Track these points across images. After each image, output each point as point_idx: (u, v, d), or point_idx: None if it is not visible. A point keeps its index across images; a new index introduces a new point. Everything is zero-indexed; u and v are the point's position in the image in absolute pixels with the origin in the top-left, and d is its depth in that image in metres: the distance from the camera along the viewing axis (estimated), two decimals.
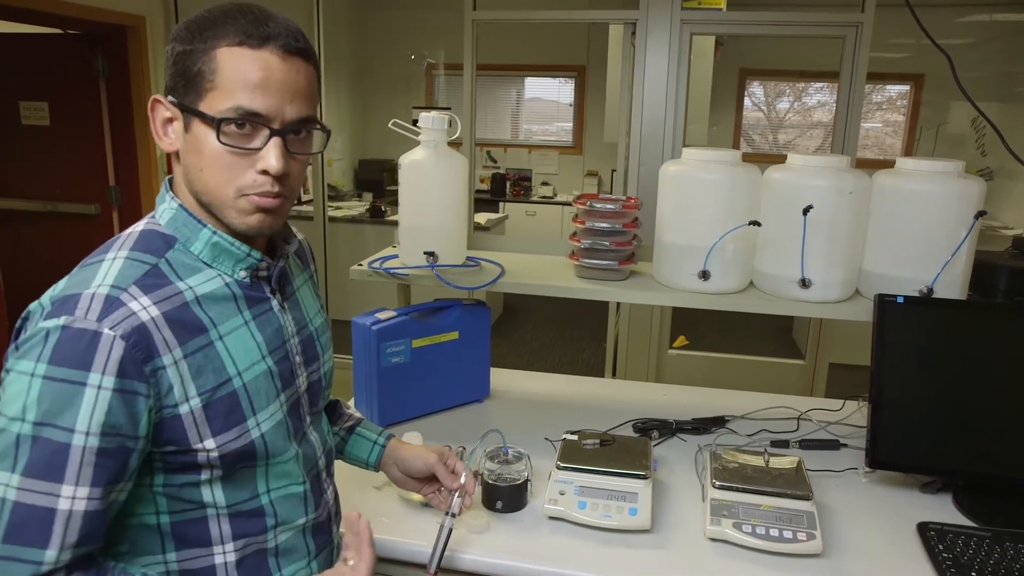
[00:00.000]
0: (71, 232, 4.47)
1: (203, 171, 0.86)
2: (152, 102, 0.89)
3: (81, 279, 0.83)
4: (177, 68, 0.85)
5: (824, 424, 1.75)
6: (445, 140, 1.65)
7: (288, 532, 0.99)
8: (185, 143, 0.87)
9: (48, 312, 0.79)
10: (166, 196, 0.91)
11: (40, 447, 0.76)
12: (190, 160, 0.87)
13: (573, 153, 7.26)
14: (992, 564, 1.18)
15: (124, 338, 0.79)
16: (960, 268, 1.46)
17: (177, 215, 0.90)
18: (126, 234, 0.90)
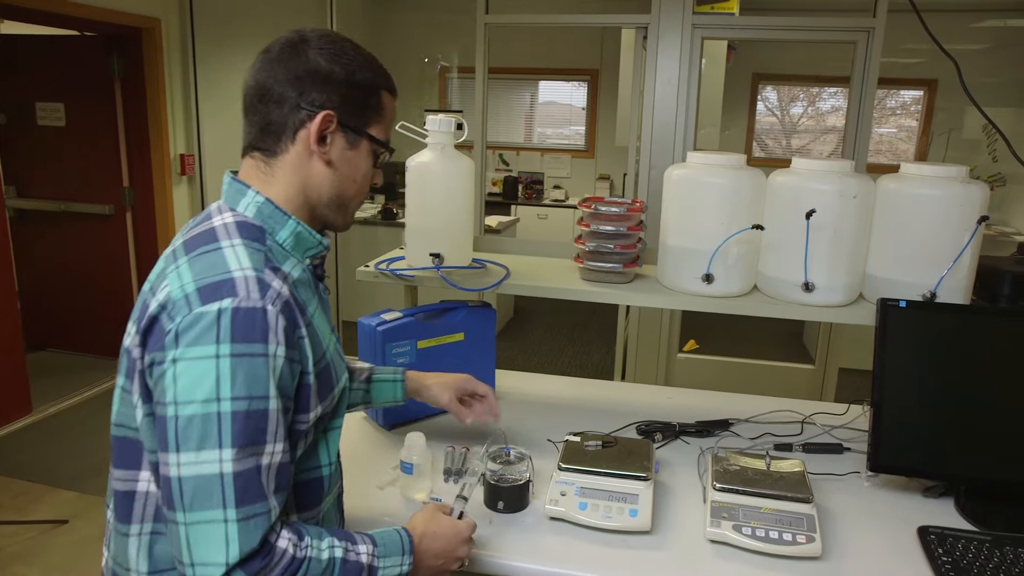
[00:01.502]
0: (85, 232, 4.52)
1: (356, 181, 1.04)
2: (324, 116, 0.98)
3: (213, 265, 0.89)
4: (351, 93, 1.00)
5: (828, 428, 1.75)
6: (452, 143, 1.66)
7: (328, 502, 1.09)
8: (342, 156, 1.02)
9: (203, 298, 0.86)
10: (247, 191, 0.99)
11: (244, 419, 0.84)
12: (345, 172, 1.03)
13: (585, 156, 7.26)
14: (991, 568, 1.18)
15: (282, 312, 0.89)
16: (963, 273, 1.46)
17: (263, 208, 0.98)
18: (219, 225, 0.96)
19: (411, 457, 1.37)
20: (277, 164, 1.00)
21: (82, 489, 3.17)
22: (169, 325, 0.86)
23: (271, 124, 0.98)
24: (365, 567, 0.96)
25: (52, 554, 2.74)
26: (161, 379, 0.86)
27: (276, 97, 0.97)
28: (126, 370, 0.94)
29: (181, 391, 0.84)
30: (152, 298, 0.91)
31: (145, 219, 4.46)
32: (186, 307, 0.86)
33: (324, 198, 1.02)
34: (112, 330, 4.63)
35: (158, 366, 0.86)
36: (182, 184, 4.59)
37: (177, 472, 0.84)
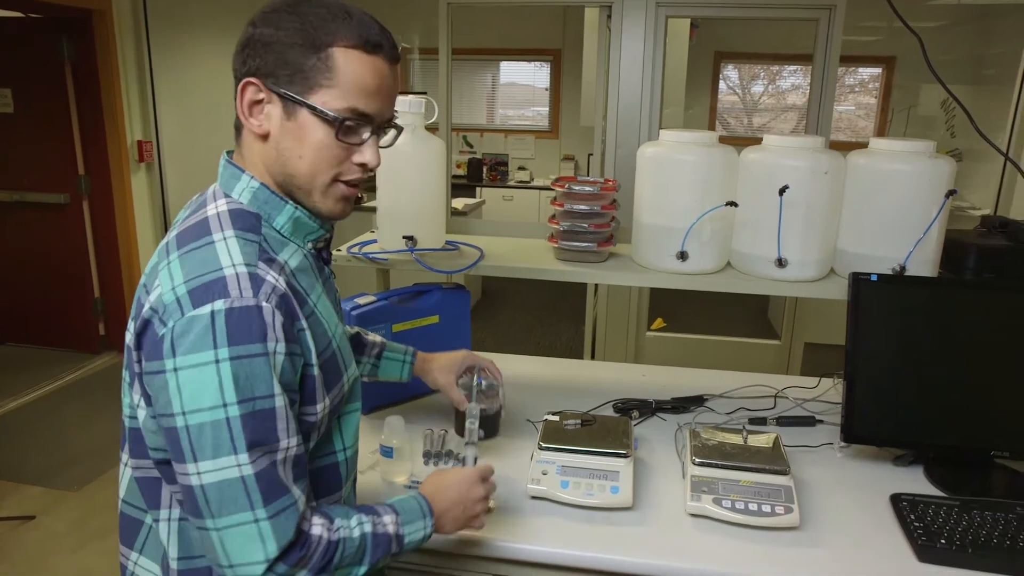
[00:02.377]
0: (41, 222, 4.39)
1: (302, 158, 0.92)
2: (244, 84, 0.89)
3: (204, 262, 0.85)
4: (280, 56, 0.88)
5: (800, 401, 1.79)
6: (422, 124, 1.64)
7: (348, 488, 1.09)
8: (282, 129, 0.91)
9: (194, 301, 0.83)
10: (241, 175, 0.94)
11: (254, 421, 0.83)
12: (287, 145, 0.91)
13: (549, 137, 7.25)
14: (960, 531, 1.22)
15: (278, 307, 0.86)
16: (931, 247, 1.49)
17: (259, 193, 0.94)
18: (212, 215, 0.91)
19: (391, 441, 1.36)
20: (241, 145, 0.96)
21: (48, 484, 3.10)
22: (162, 330, 0.83)
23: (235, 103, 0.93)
24: (393, 537, 0.97)
25: (21, 550, 2.68)
26: (164, 390, 0.83)
27: (233, 72, 0.92)
28: (128, 365, 0.92)
29: (187, 401, 0.82)
30: (146, 297, 0.88)
31: (103, 208, 4.35)
32: (178, 311, 0.83)
33: (279, 178, 0.94)
34: (72, 322, 4.52)
35: (158, 375, 0.84)
36: (140, 171, 4.48)
37: (199, 481, 0.83)
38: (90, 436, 3.52)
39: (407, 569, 1.31)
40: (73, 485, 3.10)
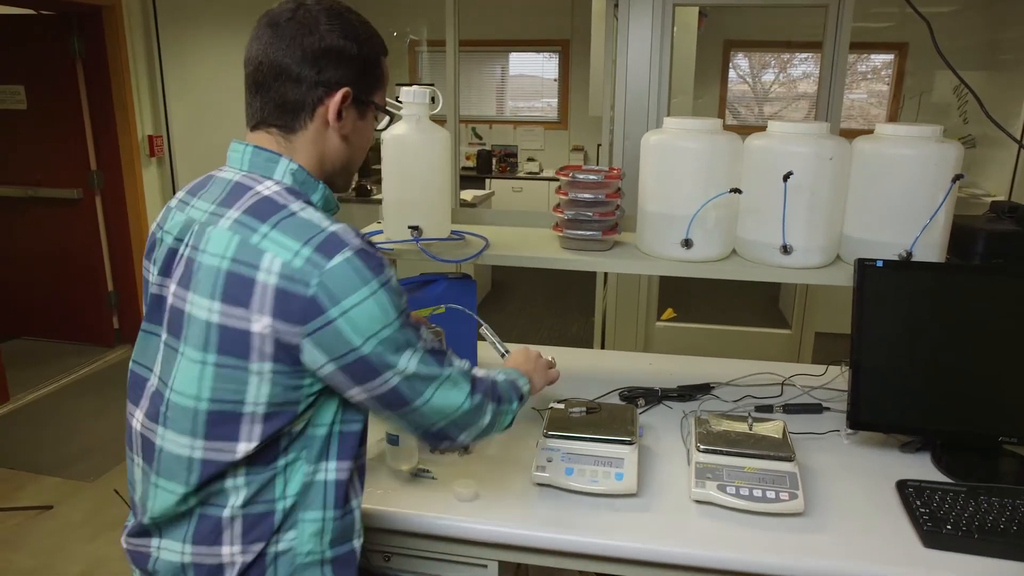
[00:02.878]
0: (54, 217, 4.44)
1: (362, 149, 1.13)
2: (344, 93, 1.04)
3: (304, 227, 0.95)
4: (361, 67, 1.05)
5: (808, 389, 1.78)
6: (427, 114, 1.64)
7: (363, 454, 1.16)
8: (354, 127, 1.09)
9: (325, 256, 0.93)
10: (279, 159, 1.03)
11: (408, 320, 1.00)
12: (356, 141, 1.10)
13: (558, 128, 7.24)
14: (967, 516, 1.21)
15: None
16: (938, 232, 1.48)
17: (298, 174, 1.04)
18: (271, 193, 1.00)
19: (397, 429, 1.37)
20: (296, 139, 1.05)
21: (64, 475, 3.15)
22: (309, 291, 0.92)
23: (289, 102, 1.02)
24: (518, 384, 1.24)
25: (39, 539, 2.72)
26: (339, 335, 0.93)
27: (294, 76, 1.01)
28: (222, 345, 0.95)
29: (365, 329, 0.94)
30: (256, 273, 0.93)
31: (115, 203, 4.38)
32: (315, 269, 0.92)
33: (337, 167, 1.10)
34: (87, 316, 4.57)
35: (326, 327, 0.92)
36: (151, 166, 4.51)
37: (401, 377, 0.99)
38: (105, 428, 3.56)
39: (417, 556, 1.32)
40: (88, 476, 3.14)
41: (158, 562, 1.03)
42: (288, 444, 1.00)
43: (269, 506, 1.00)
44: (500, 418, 1.16)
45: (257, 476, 0.99)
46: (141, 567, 1.06)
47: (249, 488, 0.99)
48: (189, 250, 1.00)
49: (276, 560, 1.01)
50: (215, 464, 0.98)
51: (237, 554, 1.00)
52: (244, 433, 0.97)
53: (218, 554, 1.00)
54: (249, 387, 0.95)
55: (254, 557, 1.00)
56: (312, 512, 1.03)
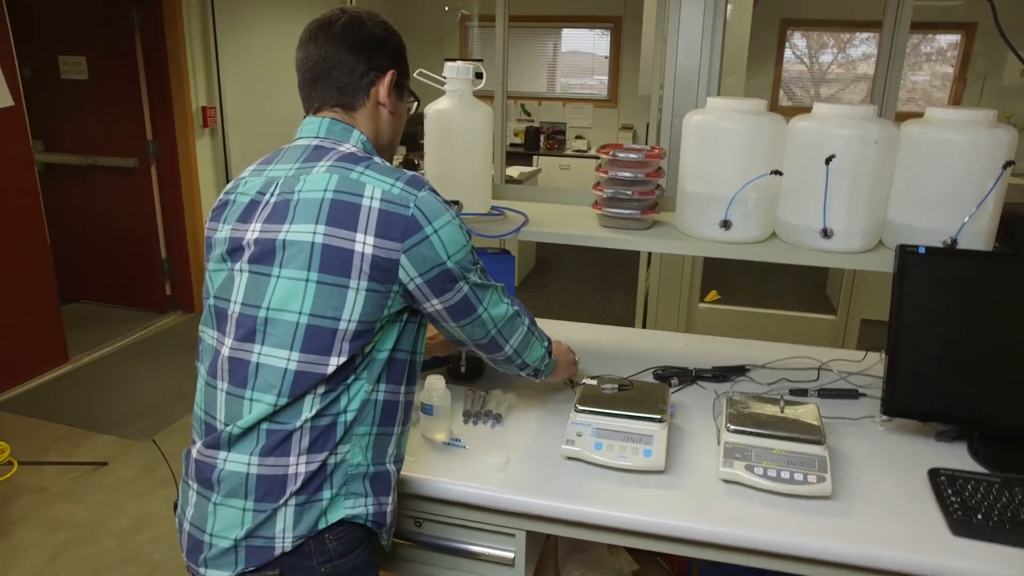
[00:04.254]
0: (112, 185, 4.58)
1: (402, 126, 1.32)
2: (392, 74, 1.24)
3: (388, 170, 1.13)
4: (402, 56, 1.27)
5: (845, 375, 1.77)
6: (470, 90, 1.66)
7: None
8: (397, 106, 1.28)
9: (413, 188, 1.11)
10: (352, 130, 1.22)
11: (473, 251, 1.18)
12: (399, 118, 1.30)
13: (608, 106, 7.17)
14: (1000, 507, 1.20)
15: None
16: (986, 220, 1.45)
17: (367, 144, 1.23)
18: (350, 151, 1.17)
19: (431, 399, 1.41)
20: (357, 116, 1.23)
21: (119, 434, 3.29)
22: (408, 211, 1.09)
23: (348, 86, 1.21)
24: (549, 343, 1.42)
25: (94, 493, 2.86)
26: (431, 249, 1.10)
27: (349, 64, 1.20)
28: (323, 264, 1.08)
29: (450, 247, 1.12)
30: (361, 198, 1.09)
31: (170, 172, 4.51)
32: (410, 196, 1.10)
33: (385, 141, 1.28)
34: (141, 282, 4.73)
35: (422, 242, 1.09)
36: (204, 137, 4.62)
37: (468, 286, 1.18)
38: (158, 390, 3.70)
39: (447, 523, 1.36)
40: (141, 436, 3.27)
41: (223, 472, 1.11)
42: (359, 364, 1.12)
43: (333, 418, 1.11)
44: (532, 340, 1.34)
45: (330, 393, 1.10)
46: (204, 478, 1.13)
47: (321, 402, 1.10)
48: (278, 196, 1.14)
49: (334, 471, 1.12)
50: (309, 376, 1.09)
51: (302, 464, 1.10)
52: (336, 348, 1.09)
53: (285, 464, 1.10)
54: (346, 303, 1.08)
55: (316, 467, 1.10)
56: (363, 427, 1.14)
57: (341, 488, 1.13)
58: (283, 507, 1.09)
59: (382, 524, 1.18)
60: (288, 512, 1.09)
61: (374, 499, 1.17)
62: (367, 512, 1.15)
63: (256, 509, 1.09)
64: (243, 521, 1.09)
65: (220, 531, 1.11)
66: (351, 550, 1.15)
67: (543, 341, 1.39)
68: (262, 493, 1.09)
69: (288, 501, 1.09)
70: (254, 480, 1.09)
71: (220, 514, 1.11)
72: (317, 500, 1.11)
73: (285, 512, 1.09)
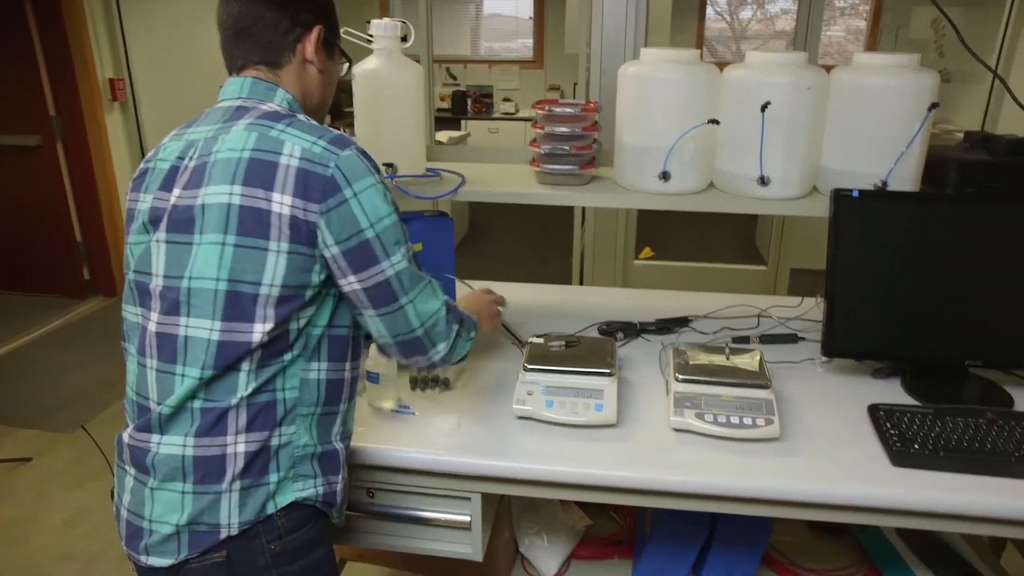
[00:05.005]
0: (14, 165, 4.31)
1: (332, 87, 1.27)
2: (319, 30, 1.18)
3: (312, 127, 1.08)
4: (325, 11, 1.21)
5: (783, 320, 1.81)
6: (399, 48, 1.60)
7: None
8: (326, 65, 1.23)
9: (337, 147, 1.05)
10: (277, 88, 1.16)
11: (398, 225, 1.10)
12: (328, 78, 1.24)
13: (534, 67, 7.12)
14: (934, 436, 1.25)
15: None
16: (913, 162, 1.49)
17: (292, 104, 1.17)
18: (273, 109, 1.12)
19: (377, 367, 1.37)
20: (283, 74, 1.17)
21: (43, 427, 3.13)
22: (328, 171, 1.03)
23: (272, 42, 1.15)
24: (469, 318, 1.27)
25: (20, 491, 2.72)
26: (350, 214, 1.04)
27: (273, 20, 1.14)
28: (241, 227, 1.02)
29: (371, 214, 1.05)
30: (279, 156, 1.04)
31: (78, 149, 4.26)
32: (331, 155, 1.04)
33: (315, 101, 1.23)
34: (57, 267, 4.48)
35: (341, 205, 1.03)
36: (115, 111, 4.38)
37: (394, 271, 1.09)
38: (82, 379, 3.54)
39: (401, 491, 1.34)
40: (67, 428, 3.13)
41: (157, 457, 1.06)
42: (294, 340, 1.07)
43: (271, 396, 1.07)
44: (460, 342, 1.22)
45: (265, 369, 1.06)
46: (139, 463, 1.08)
47: (257, 379, 1.05)
48: (196, 160, 1.08)
49: (279, 452, 1.08)
50: (233, 346, 1.04)
51: (240, 443, 1.05)
52: (260, 315, 1.04)
53: (222, 444, 1.05)
54: (267, 267, 1.03)
55: (258, 447, 1.06)
56: (307, 407, 1.11)
57: (288, 471, 1.09)
58: (227, 492, 1.05)
59: (332, 503, 1.15)
60: (233, 498, 1.05)
61: (323, 479, 1.13)
62: (317, 493, 1.12)
63: (196, 492, 1.04)
64: (183, 505, 1.05)
65: (160, 516, 1.06)
66: (301, 525, 1.11)
67: (470, 332, 1.26)
68: (200, 475, 1.04)
69: (232, 486, 1.05)
70: (191, 462, 1.04)
71: (159, 499, 1.06)
72: (263, 484, 1.06)
73: (230, 498, 1.05)
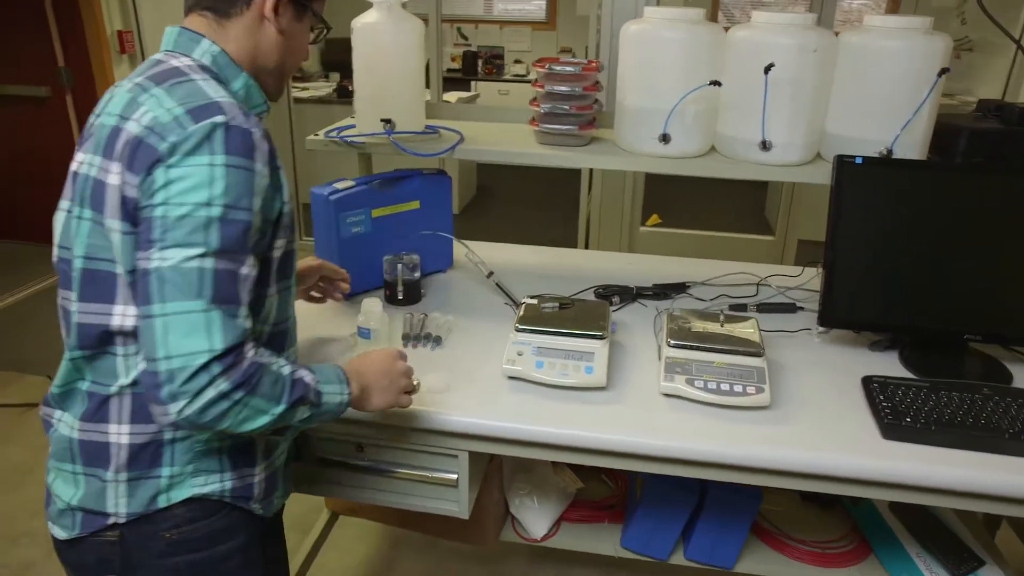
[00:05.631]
0: (23, 115, 4.29)
1: (296, 52, 1.10)
2: None
3: (193, 92, 0.93)
4: None
5: (783, 289, 1.79)
6: (399, 2, 1.57)
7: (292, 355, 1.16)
8: (290, 26, 1.07)
9: (194, 118, 0.90)
10: (201, 40, 1.01)
11: (229, 226, 0.89)
12: (290, 41, 1.08)
13: (547, 29, 7.00)
14: (927, 410, 1.24)
15: (265, 138, 0.95)
16: (921, 129, 1.45)
17: (219, 58, 1.02)
18: (181, 65, 0.98)
19: (368, 323, 1.37)
20: (230, 25, 1.02)
21: (49, 373, 3.17)
22: (162, 144, 0.89)
23: None
24: (311, 388, 1.00)
25: (28, 435, 2.76)
26: (152, 186, 0.89)
27: None
28: (93, 200, 0.95)
29: (176, 193, 0.87)
30: (127, 123, 0.92)
31: (86, 101, 4.23)
32: (178, 126, 0.90)
33: (270, 64, 1.07)
34: None
35: (148, 178, 0.89)
36: (123, 63, 4.34)
37: (159, 264, 0.87)
38: None
39: (389, 447, 1.34)
40: None
41: (55, 434, 1.05)
42: None
43: None
44: (237, 411, 0.90)
45: None
46: (49, 434, 1.07)
47: (137, 367, 0.98)
48: (93, 122, 1.00)
49: (173, 446, 1.01)
50: (92, 328, 0.97)
51: (124, 434, 0.99)
52: (120, 297, 0.95)
53: (104, 431, 1.00)
54: (113, 245, 0.94)
55: (144, 440, 1.00)
56: None
57: (186, 466, 1.01)
58: (113, 483, 1.00)
59: (249, 496, 1.08)
60: (120, 488, 1.00)
61: (233, 473, 1.06)
62: (223, 488, 1.05)
63: (87, 473, 1.01)
64: (76, 484, 1.02)
65: (58, 491, 1.04)
66: (205, 516, 1.04)
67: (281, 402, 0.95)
68: (86, 459, 1.01)
69: (118, 476, 1.00)
70: (77, 445, 1.01)
71: (58, 474, 1.04)
72: (152, 477, 1.00)
73: (116, 488, 1.00)
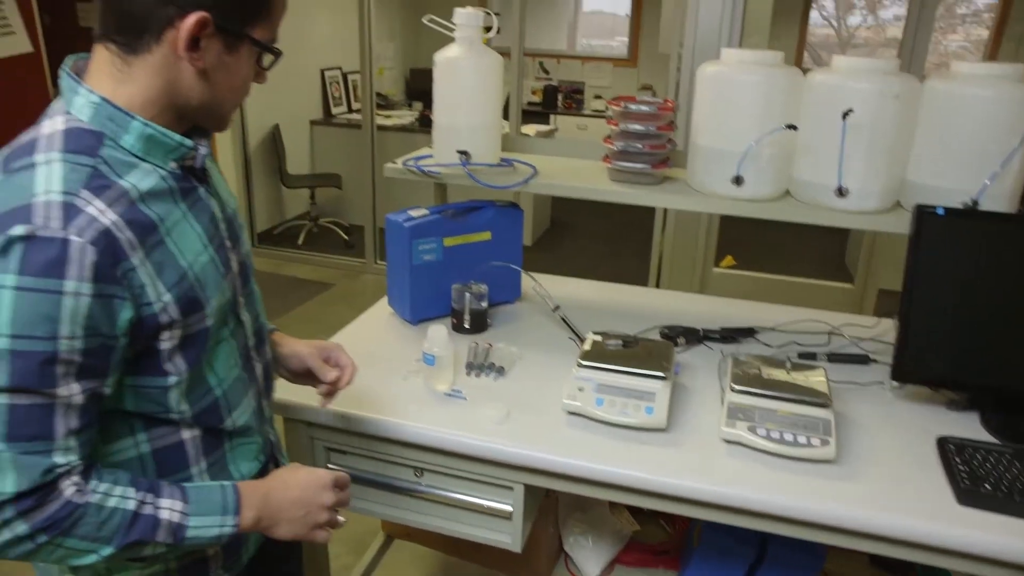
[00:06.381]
0: None
1: (232, 89, 0.90)
2: (199, 19, 0.81)
3: (17, 188, 0.78)
4: None
5: (857, 340, 1.73)
6: (480, 38, 1.62)
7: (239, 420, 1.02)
8: (219, 62, 0.86)
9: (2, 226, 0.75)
10: (79, 89, 0.84)
11: (20, 360, 0.76)
12: (220, 80, 0.88)
13: (628, 66, 7.04)
14: (1009, 479, 1.17)
15: (94, 243, 0.77)
16: (1010, 180, 1.40)
17: (100, 109, 0.84)
18: (45, 134, 0.83)
19: (432, 349, 1.39)
20: (137, 63, 0.84)
21: None
22: None
23: (131, 16, 0.82)
24: (164, 523, 0.86)
25: None
26: None
27: None
28: None
29: None
30: None
31: None
32: None
33: (194, 103, 0.88)
34: None
35: None
36: None
37: None
38: None
39: (447, 473, 1.36)
40: None
41: None
42: None
43: None
44: (48, 551, 0.81)
45: None
46: None
47: None
48: None
49: None
50: None
51: None
52: None
53: None
54: None
55: None
56: None
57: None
58: None
59: None
60: None
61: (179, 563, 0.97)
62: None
63: None
64: None
65: None
66: None
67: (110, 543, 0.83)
68: None
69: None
70: None
71: None
72: None
73: None
